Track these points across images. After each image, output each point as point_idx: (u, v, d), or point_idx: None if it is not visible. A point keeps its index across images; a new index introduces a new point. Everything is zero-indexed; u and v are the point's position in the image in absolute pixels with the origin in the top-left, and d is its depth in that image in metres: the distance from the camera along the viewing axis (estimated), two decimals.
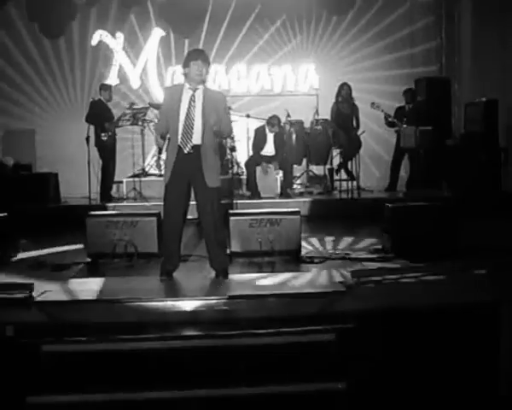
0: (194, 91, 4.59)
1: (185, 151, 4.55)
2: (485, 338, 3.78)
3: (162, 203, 4.74)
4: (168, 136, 4.68)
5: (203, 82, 4.63)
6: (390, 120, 9.11)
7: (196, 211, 4.72)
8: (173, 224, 4.66)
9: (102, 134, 8.52)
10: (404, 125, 8.94)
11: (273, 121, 8.63)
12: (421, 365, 3.74)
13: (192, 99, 4.57)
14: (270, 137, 8.70)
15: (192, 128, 4.53)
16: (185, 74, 4.64)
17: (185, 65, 4.62)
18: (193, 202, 4.72)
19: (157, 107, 8.50)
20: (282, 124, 8.82)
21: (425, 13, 10.50)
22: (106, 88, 8.91)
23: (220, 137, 4.89)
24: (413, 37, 10.47)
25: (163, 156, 8.23)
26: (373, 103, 8.95)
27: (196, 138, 4.55)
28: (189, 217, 4.76)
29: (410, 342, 3.76)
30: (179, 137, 4.54)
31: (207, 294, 4.28)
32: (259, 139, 8.72)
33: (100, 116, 8.55)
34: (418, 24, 10.47)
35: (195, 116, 4.55)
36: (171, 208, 4.63)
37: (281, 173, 8.82)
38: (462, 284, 4.33)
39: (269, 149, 8.73)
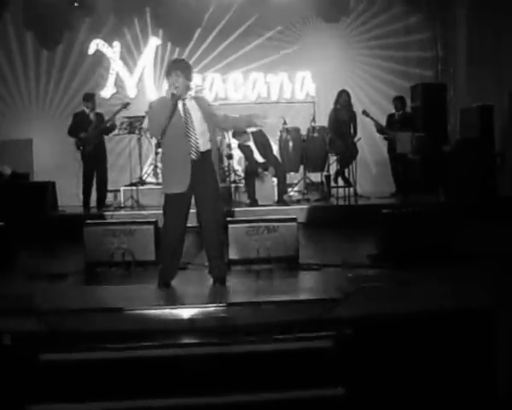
0: (184, 101, 4.61)
1: (195, 159, 4.56)
2: (482, 343, 3.80)
3: (159, 211, 4.73)
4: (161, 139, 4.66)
5: (185, 92, 4.60)
6: (379, 128, 9.18)
7: (196, 217, 4.71)
8: (175, 233, 4.64)
9: (80, 145, 8.46)
10: (396, 133, 8.99)
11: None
12: (419, 370, 3.75)
13: (185, 110, 4.59)
14: (253, 146, 8.69)
15: (196, 136, 4.55)
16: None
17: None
18: (193, 210, 4.71)
19: None
20: (247, 131, 8.62)
21: (421, 21, 10.54)
22: (88, 98, 8.72)
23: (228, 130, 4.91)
24: (409, 45, 10.51)
25: (159, 164, 8.22)
26: (364, 111, 9.00)
27: (200, 145, 4.57)
28: (188, 225, 4.76)
29: (407, 348, 3.78)
30: (188, 146, 4.54)
31: (205, 301, 4.28)
32: (245, 151, 8.72)
33: (78, 128, 8.50)
34: (415, 32, 10.51)
35: (195, 124, 4.57)
36: (174, 217, 4.61)
37: (276, 181, 8.82)
38: (458, 290, 4.34)
39: (258, 157, 8.74)
